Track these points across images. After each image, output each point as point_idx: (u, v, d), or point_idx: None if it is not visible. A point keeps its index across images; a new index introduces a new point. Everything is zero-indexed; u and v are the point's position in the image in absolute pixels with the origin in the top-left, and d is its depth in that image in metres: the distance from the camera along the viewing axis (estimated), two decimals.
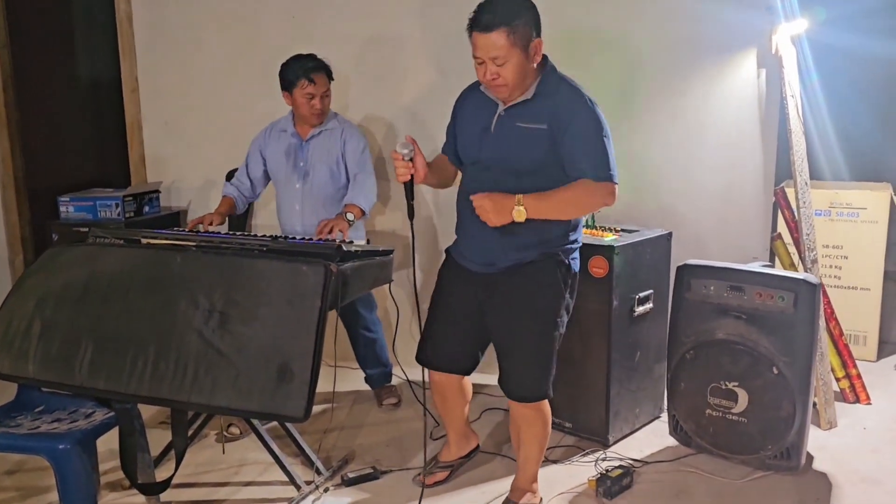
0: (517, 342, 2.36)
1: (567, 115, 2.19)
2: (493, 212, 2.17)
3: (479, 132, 2.31)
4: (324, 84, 3.03)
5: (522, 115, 2.24)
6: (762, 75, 3.20)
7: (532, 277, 2.31)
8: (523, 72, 2.18)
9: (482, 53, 2.14)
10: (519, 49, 2.14)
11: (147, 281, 2.32)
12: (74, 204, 3.77)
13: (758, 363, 2.60)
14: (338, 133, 3.12)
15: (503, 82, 2.17)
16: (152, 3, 3.98)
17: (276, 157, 3.16)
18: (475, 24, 2.14)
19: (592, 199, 2.24)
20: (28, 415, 2.35)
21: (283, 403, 2.13)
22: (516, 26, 2.12)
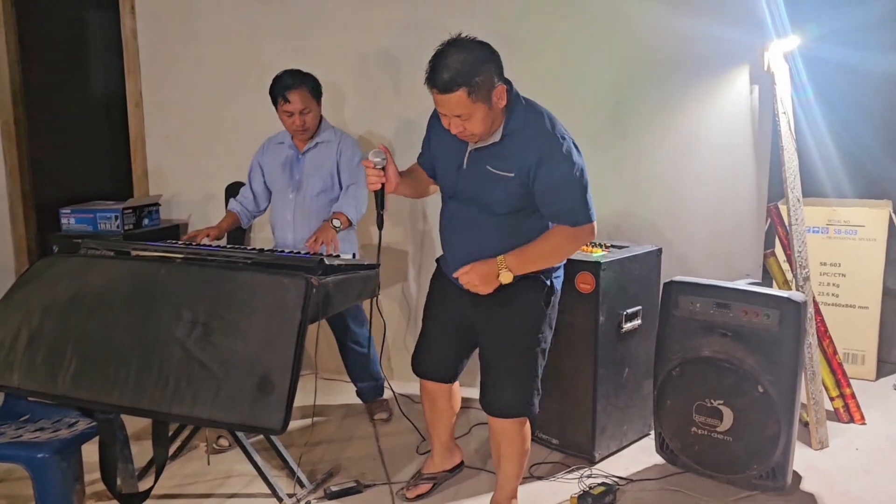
0: (496, 357, 2.39)
1: (535, 164, 2.16)
2: (481, 284, 2.24)
3: (455, 168, 2.32)
4: (301, 101, 3.02)
5: (491, 159, 2.23)
6: (755, 92, 3.19)
7: (513, 295, 2.31)
8: (489, 120, 2.16)
9: (446, 110, 2.14)
10: (482, 102, 2.10)
11: (132, 292, 2.35)
12: (75, 216, 3.83)
13: (743, 381, 2.58)
14: (334, 146, 3.15)
15: (470, 134, 2.17)
16: (156, 20, 4.05)
17: (274, 168, 3.20)
18: (433, 83, 2.10)
19: (573, 244, 2.26)
20: (12, 423, 2.38)
21: (263, 415, 2.13)
22: (475, 83, 2.07)
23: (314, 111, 3.08)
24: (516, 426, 2.39)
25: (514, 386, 2.36)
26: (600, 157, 3.38)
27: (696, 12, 3.16)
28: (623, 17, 3.27)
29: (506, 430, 2.40)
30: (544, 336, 2.39)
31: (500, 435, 2.43)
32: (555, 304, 2.41)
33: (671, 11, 3.19)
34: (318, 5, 3.74)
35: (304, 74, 3.07)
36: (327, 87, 3.19)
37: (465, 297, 2.38)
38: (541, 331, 2.37)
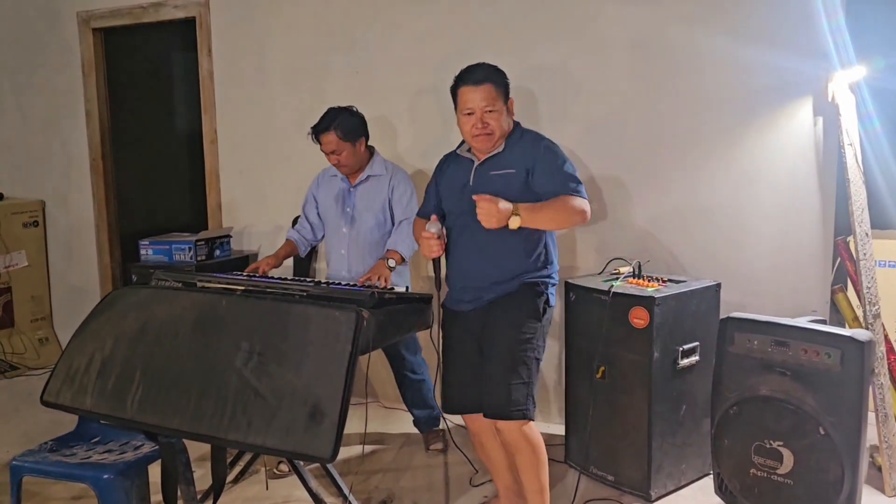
0: (493, 360, 2.51)
1: (531, 156, 2.52)
2: (494, 216, 2.37)
3: (460, 187, 2.59)
4: (332, 144, 3.11)
5: (495, 165, 2.55)
6: (819, 123, 3.11)
7: (513, 304, 2.53)
8: (505, 123, 2.54)
9: (474, 104, 2.49)
10: (502, 102, 2.52)
11: (195, 322, 2.47)
12: (153, 247, 4.04)
13: (803, 422, 2.49)
14: (385, 180, 3.22)
15: (491, 130, 2.50)
16: (231, 62, 4.27)
17: (327, 201, 3.30)
18: (465, 81, 2.52)
19: (573, 210, 2.46)
20: (84, 445, 2.53)
21: (313, 444, 2.19)
22: (500, 83, 2.53)
23: (347, 151, 3.13)
24: (519, 431, 2.47)
25: (508, 388, 2.45)
26: (660, 187, 3.38)
27: (760, 44, 3.13)
28: (687, 50, 3.26)
29: (509, 433, 2.47)
30: (538, 345, 2.54)
31: (508, 443, 2.52)
32: (549, 319, 2.60)
33: (735, 44, 3.16)
34: (381, 46, 3.87)
35: (337, 116, 3.13)
36: (384, 122, 3.29)
37: (472, 317, 2.58)
38: (535, 338, 2.53)
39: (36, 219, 4.91)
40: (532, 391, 2.49)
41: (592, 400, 2.95)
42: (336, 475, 2.79)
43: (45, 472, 2.35)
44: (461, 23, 3.68)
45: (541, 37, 3.52)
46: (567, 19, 3.46)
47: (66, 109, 4.78)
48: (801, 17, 3.06)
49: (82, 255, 4.89)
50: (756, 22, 3.15)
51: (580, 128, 3.47)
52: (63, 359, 2.56)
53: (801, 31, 3.07)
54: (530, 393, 2.49)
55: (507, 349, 2.49)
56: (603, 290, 2.90)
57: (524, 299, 2.54)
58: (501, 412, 2.46)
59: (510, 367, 2.47)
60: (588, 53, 3.44)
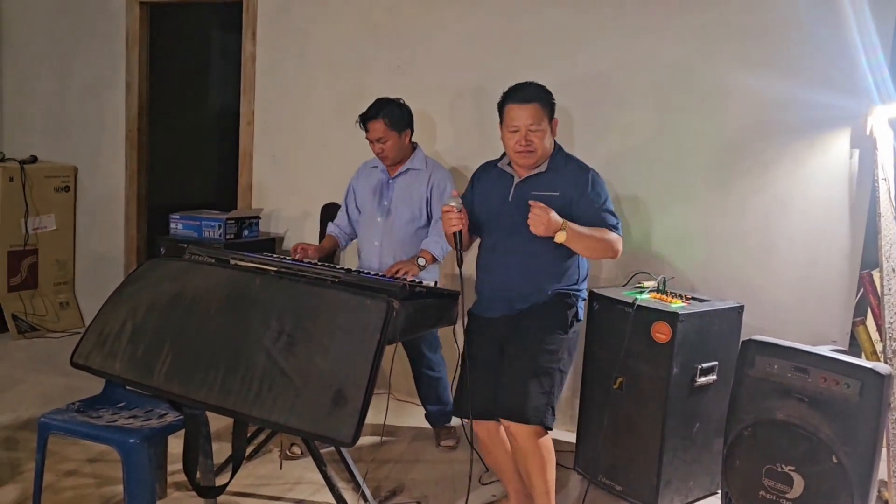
0: (517, 365, 2.54)
1: (579, 188, 2.57)
2: (544, 224, 2.42)
3: (499, 203, 2.64)
4: (379, 131, 3.15)
5: (536, 185, 2.59)
6: (855, 156, 3.13)
7: (543, 314, 2.59)
8: (548, 143, 2.59)
9: (520, 122, 2.54)
10: (547, 121, 2.57)
11: (227, 299, 2.52)
12: (183, 222, 4.10)
13: (817, 449, 2.51)
14: (425, 176, 3.25)
15: (534, 149, 2.55)
16: (274, 47, 4.33)
17: (365, 192, 3.35)
18: (513, 98, 2.57)
19: (609, 242, 2.55)
20: (110, 409, 2.59)
21: (335, 427, 2.23)
22: (546, 103, 2.58)
23: (392, 141, 3.17)
24: (533, 436, 2.48)
25: (530, 393, 2.47)
26: (690, 206, 3.40)
27: (801, 78, 3.15)
28: (727, 78, 3.29)
29: (522, 438, 2.48)
30: (564, 358, 2.58)
31: (519, 448, 2.52)
32: (577, 332, 2.65)
33: (776, 77, 3.18)
34: (425, 43, 3.91)
35: (386, 105, 3.17)
36: (422, 119, 3.32)
37: (500, 324, 2.62)
38: (560, 348, 2.56)
39: (67, 184, 4.99)
40: (552, 402, 2.51)
41: (607, 409, 2.98)
42: (350, 461, 2.84)
43: (73, 431, 2.40)
44: (506, 26, 3.72)
45: (584, 48, 3.55)
46: (611, 33, 3.49)
47: (107, 80, 4.85)
48: (840, 53, 3.07)
49: (109, 224, 4.96)
50: (797, 58, 3.17)
51: (615, 141, 3.51)
52: (95, 322, 2.62)
53: (840, 66, 3.08)
54: (550, 403, 2.50)
55: (531, 356, 2.52)
56: (627, 303, 2.93)
57: (554, 310, 2.60)
58: (517, 414, 2.47)
59: (532, 374, 2.50)
60: (628, 70, 3.47)
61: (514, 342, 2.58)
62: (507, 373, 2.56)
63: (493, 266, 2.66)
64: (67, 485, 2.87)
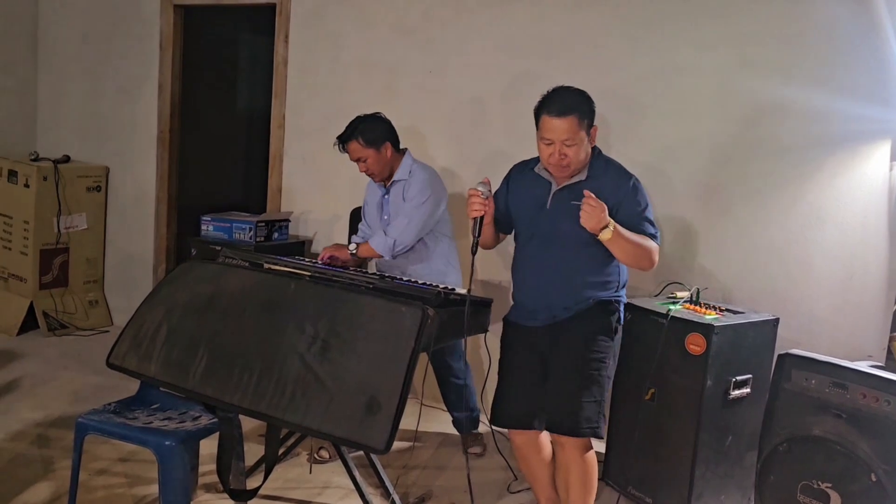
0: (564, 377, 2.51)
1: (619, 197, 2.52)
2: (595, 216, 2.38)
3: (535, 209, 2.58)
4: (356, 151, 3.15)
5: (576, 194, 2.47)
6: (895, 168, 3.09)
7: (585, 321, 2.56)
8: (584, 154, 2.50)
9: (554, 136, 2.44)
10: (584, 133, 2.47)
11: (262, 303, 2.53)
12: (214, 224, 4.13)
13: (854, 467, 2.48)
14: (406, 184, 3.21)
15: (568, 163, 2.47)
16: (306, 50, 4.35)
17: (371, 207, 3.36)
18: (547, 110, 2.45)
19: (648, 253, 2.52)
20: (145, 410, 2.61)
21: (368, 434, 2.23)
22: (584, 113, 2.46)
23: (371, 158, 3.15)
24: (581, 449, 2.49)
25: (579, 405, 2.46)
26: (726, 219, 3.37)
27: (840, 89, 3.11)
28: (766, 92, 3.26)
29: (572, 453, 2.49)
30: (609, 365, 2.56)
31: (567, 461, 2.52)
32: (619, 336, 2.62)
33: (815, 88, 3.15)
34: (457, 48, 3.91)
35: (360, 124, 3.16)
36: (451, 125, 3.28)
37: (540, 333, 2.58)
38: (607, 355, 2.54)
39: (99, 184, 5.04)
40: (603, 409, 2.51)
41: (638, 421, 2.95)
42: (380, 467, 2.84)
43: (110, 432, 2.42)
44: (539, 33, 3.71)
45: (618, 55, 3.53)
46: (646, 41, 3.47)
47: (140, 80, 4.89)
48: (880, 65, 3.03)
49: (140, 224, 5.00)
50: (835, 69, 3.13)
51: (650, 151, 3.48)
52: (131, 324, 2.64)
53: (881, 78, 3.03)
54: (601, 411, 2.50)
55: (580, 366, 2.50)
56: (661, 313, 2.90)
57: (598, 317, 2.56)
58: (571, 428, 2.47)
59: (582, 383, 2.48)
60: (663, 78, 3.44)
61: (559, 353, 2.55)
62: (555, 385, 2.53)
63: (532, 276, 2.62)
64: (99, 484, 2.90)
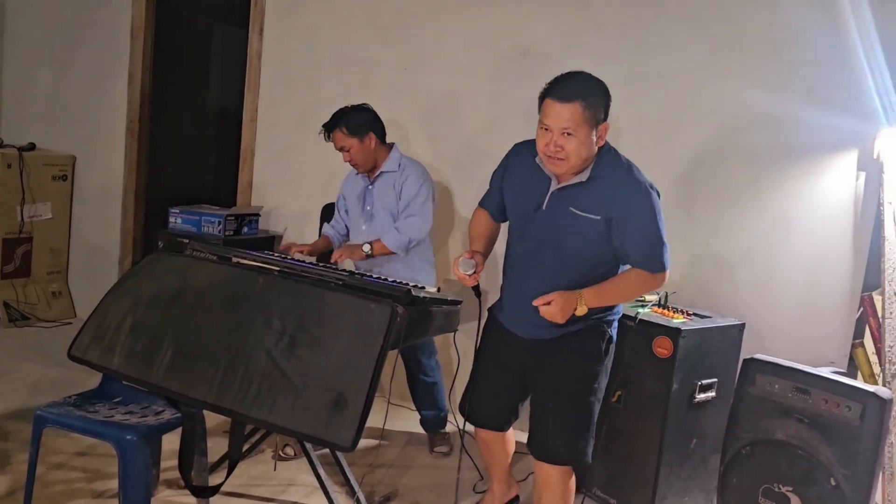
0: (552, 403, 2.40)
1: (626, 210, 2.22)
2: (560, 313, 2.24)
3: (532, 209, 2.34)
4: (340, 140, 3.15)
5: (576, 200, 2.25)
6: (861, 178, 3.14)
7: (576, 345, 2.39)
8: (586, 152, 2.20)
9: (552, 122, 2.17)
10: (588, 126, 2.17)
11: (230, 297, 2.49)
12: (182, 216, 4.07)
13: (815, 471, 2.51)
14: (396, 176, 3.21)
15: (564, 156, 2.19)
16: (281, 43, 4.30)
17: (352, 198, 3.35)
18: (552, 93, 2.18)
19: (646, 287, 2.34)
20: (106, 403, 2.55)
21: (334, 431, 2.20)
22: (592, 102, 2.16)
23: (355, 148, 3.16)
24: (563, 476, 2.41)
25: (568, 432, 2.37)
26: (694, 223, 3.40)
27: (809, 99, 3.16)
28: (734, 100, 3.30)
29: (551, 478, 2.41)
30: (600, 385, 2.43)
31: (545, 483, 2.45)
32: (612, 353, 2.47)
33: (785, 97, 3.20)
34: (433, 46, 3.90)
35: (347, 114, 3.17)
36: (427, 122, 3.28)
37: (524, 344, 2.45)
38: (598, 379, 2.41)
39: (65, 173, 4.94)
40: (593, 433, 2.39)
41: (605, 423, 2.96)
42: (345, 465, 2.81)
43: (69, 425, 2.37)
44: (514, 34, 3.71)
45: (592, 60, 3.52)
46: (620, 47, 3.49)
47: (110, 69, 4.81)
48: (848, 75, 3.08)
49: (106, 215, 4.92)
50: (806, 78, 3.18)
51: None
52: (94, 316, 2.58)
53: (848, 88, 3.09)
54: (591, 435, 2.39)
55: (569, 395, 2.37)
56: (629, 316, 2.92)
57: (588, 340, 2.39)
58: (560, 458, 2.38)
59: (573, 412, 2.37)
60: (636, 84, 3.46)
61: (545, 377, 2.42)
62: (541, 411, 2.41)
63: (518, 283, 2.44)
64: (57, 478, 2.84)
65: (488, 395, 2.56)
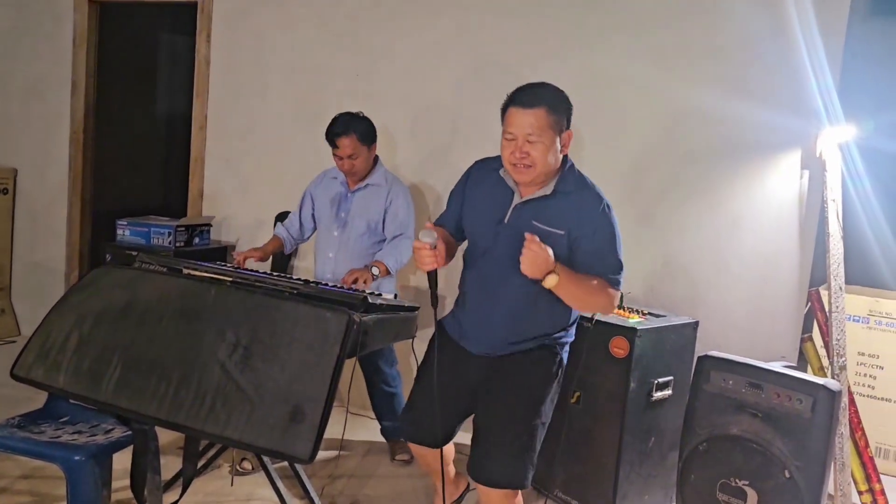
0: (495, 425, 2.29)
1: (588, 226, 2.22)
2: (537, 263, 2.09)
3: (494, 223, 2.28)
4: (349, 147, 3.11)
5: (540, 215, 2.23)
6: (805, 176, 3.22)
7: (527, 365, 2.32)
8: (552, 158, 2.20)
9: (517, 129, 2.17)
10: (553, 132, 2.18)
11: (181, 310, 2.43)
12: (131, 228, 3.97)
13: (770, 464, 2.56)
14: (384, 192, 3.22)
15: (531, 163, 2.17)
16: (229, 49, 4.24)
17: (322, 202, 3.30)
18: (515, 101, 2.20)
19: (603, 298, 2.24)
20: (52, 423, 2.47)
21: (292, 444, 2.16)
22: (557, 109, 2.19)
23: (363, 156, 3.15)
24: (506, 500, 2.29)
25: (508, 456, 2.25)
26: (645, 226, 3.44)
27: (753, 98, 3.22)
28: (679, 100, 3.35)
29: (492, 501, 2.29)
30: (546, 410, 2.33)
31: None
32: (560, 378, 2.38)
33: (730, 97, 3.25)
34: (386, 52, 3.88)
35: (355, 120, 3.15)
36: (383, 131, 3.28)
37: (473, 361, 2.37)
38: (544, 403, 2.32)
39: (6, 186, 4.78)
40: (534, 459, 2.28)
41: (564, 424, 2.98)
42: (305, 477, 2.77)
43: (13, 447, 2.28)
44: (466, 40, 3.72)
45: (540, 65, 3.56)
46: (569, 52, 3.52)
47: (52, 79, 4.67)
48: (790, 75, 3.16)
49: (50, 229, 4.77)
50: (750, 79, 3.24)
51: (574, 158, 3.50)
52: (38, 333, 2.49)
53: (791, 88, 3.17)
54: (532, 461, 2.27)
55: (514, 417, 2.27)
56: (585, 317, 2.93)
57: (539, 362, 2.32)
58: (500, 483, 2.24)
59: (515, 436, 2.26)
60: (585, 88, 3.45)
61: (492, 398, 2.32)
62: (484, 433, 2.30)
63: (475, 299, 2.37)
64: (2, 503, 2.73)
65: (427, 412, 2.38)
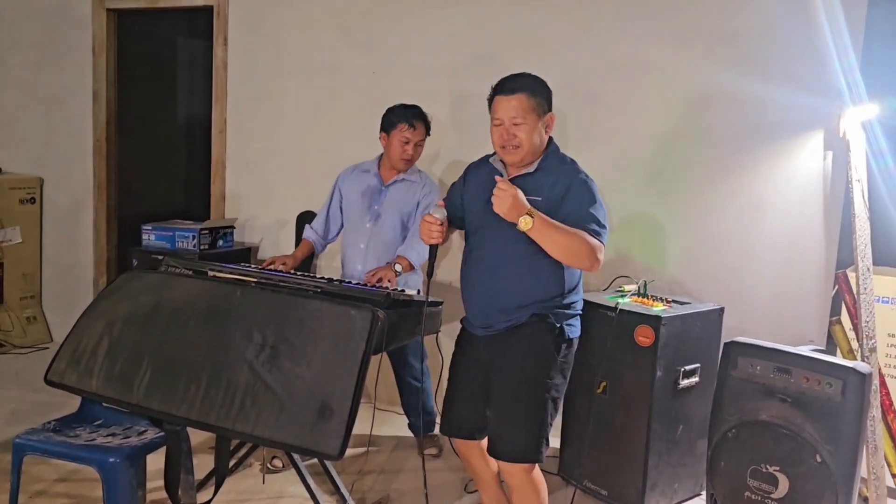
0: (504, 402, 2.40)
1: (563, 188, 2.37)
2: (505, 200, 2.24)
3: (484, 201, 2.39)
4: (421, 133, 3.22)
5: (523, 188, 2.34)
6: (829, 157, 3.18)
7: (523, 340, 2.40)
8: (538, 138, 2.39)
9: (503, 115, 2.37)
10: (535, 115, 2.37)
11: (208, 311, 2.47)
12: (155, 233, 4.02)
13: (801, 449, 2.54)
14: (418, 186, 3.27)
15: (518, 143, 2.36)
16: (246, 52, 4.27)
17: (352, 195, 3.32)
18: (499, 90, 2.40)
19: (583, 246, 2.28)
20: (87, 427, 2.51)
21: (321, 440, 2.19)
22: (537, 94, 2.38)
23: (422, 147, 3.26)
24: (524, 472, 2.39)
25: (519, 431, 2.37)
26: (668, 210, 3.43)
27: (775, 80, 3.20)
28: (702, 82, 3.34)
29: (514, 476, 2.41)
30: (555, 384, 2.41)
31: (508, 480, 2.45)
32: (568, 354, 2.45)
33: (751, 79, 3.23)
34: (400, 48, 3.89)
35: (421, 111, 3.26)
36: None
37: (481, 343, 2.47)
38: (550, 377, 2.39)
39: (33, 196, 4.86)
40: (545, 433, 2.39)
41: (591, 414, 2.98)
42: (335, 474, 2.79)
43: (49, 451, 2.33)
44: (480, 33, 3.72)
45: (560, 54, 3.56)
46: (588, 39, 3.51)
47: (73, 88, 4.74)
48: (812, 56, 3.13)
49: (77, 236, 4.85)
50: (771, 60, 3.22)
51: (593, 146, 3.51)
52: (70, 339, 2.54)
53: (813, 69, 3.14)
54: (543, 436, 2.38)
55: (519, 392, 2.38)
56: (609, 307, 2.93)
57: (533, 335, 2.40)
58: (513, 456, 2.38)
59: (524, 412, 2.37)
60: (606, 75, 3.49)
61: (497, 377, 2.42)
62: (494, 409, 2.42)
63: (471, 274, 2.51)
64: None
65: (455, 403, 2.54)
